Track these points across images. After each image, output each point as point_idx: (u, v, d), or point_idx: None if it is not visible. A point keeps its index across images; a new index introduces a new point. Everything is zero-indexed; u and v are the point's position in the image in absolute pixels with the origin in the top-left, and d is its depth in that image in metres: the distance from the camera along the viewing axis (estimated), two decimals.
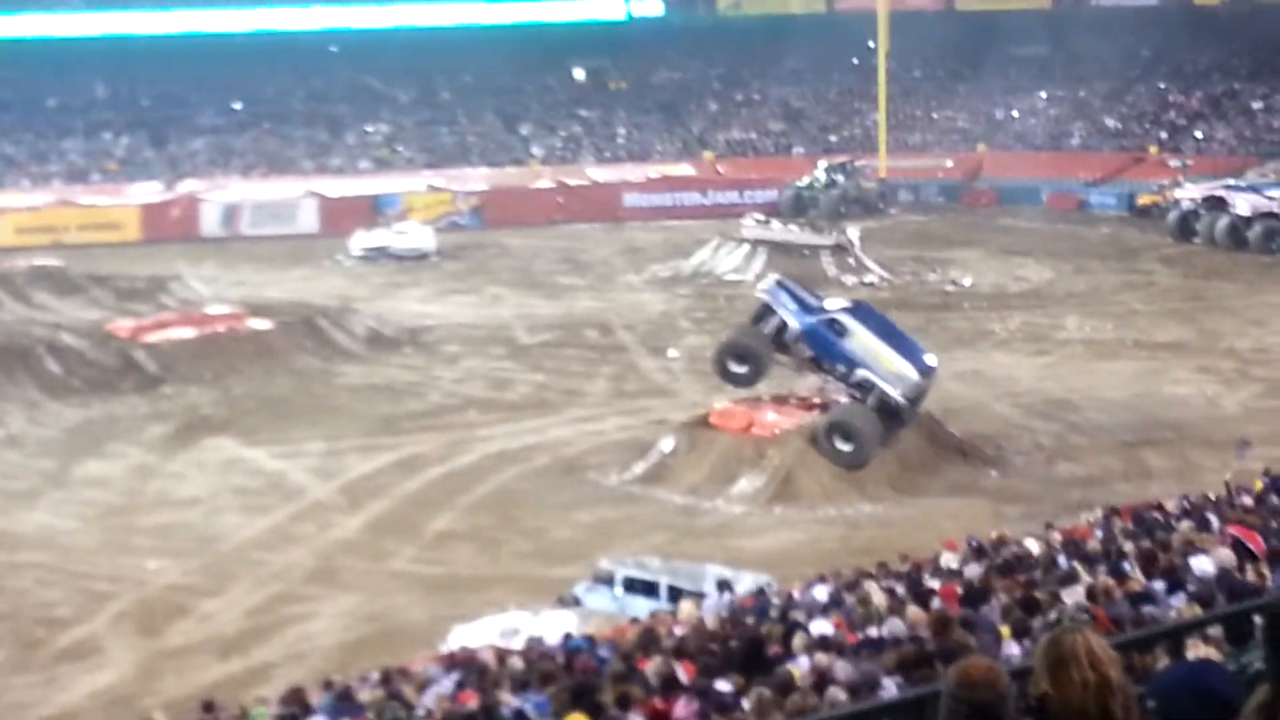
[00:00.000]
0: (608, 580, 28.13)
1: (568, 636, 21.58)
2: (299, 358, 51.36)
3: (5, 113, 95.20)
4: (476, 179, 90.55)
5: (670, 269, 68.84)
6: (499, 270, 70.93)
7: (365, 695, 18.63)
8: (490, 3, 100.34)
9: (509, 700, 16.11)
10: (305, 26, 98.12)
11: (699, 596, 25.29)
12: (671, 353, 52.52)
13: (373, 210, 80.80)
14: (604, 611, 26.78)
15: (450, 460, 40.19)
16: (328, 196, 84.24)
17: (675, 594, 26.69)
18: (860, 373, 38.52)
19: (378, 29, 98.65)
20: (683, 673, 15.72)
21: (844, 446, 37.33)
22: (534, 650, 20.62)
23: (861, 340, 38.78)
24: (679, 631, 19.95)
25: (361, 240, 74.51)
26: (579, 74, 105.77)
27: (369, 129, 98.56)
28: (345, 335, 53.98)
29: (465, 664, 20.40)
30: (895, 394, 38.11)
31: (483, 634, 25.37)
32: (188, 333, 51.55)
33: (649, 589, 27.50)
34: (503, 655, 20.46)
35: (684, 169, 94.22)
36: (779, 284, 41.25)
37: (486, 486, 38.04)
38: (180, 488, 38.49)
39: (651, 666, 16.07)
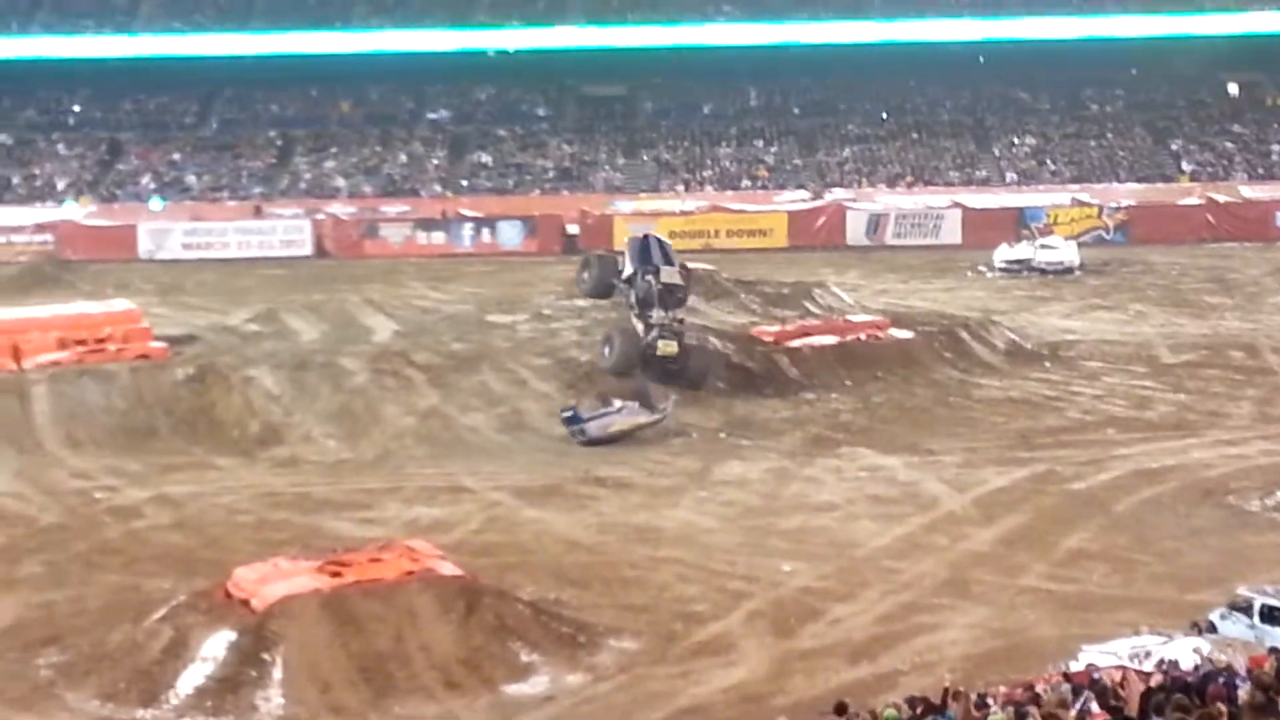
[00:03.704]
0: (1245, 608, 27.33)
1: (1206, 661, 21.19)
2: (938, 368, 51.51)
3: (663, 119, 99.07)
4: (1123, 194, 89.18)
5: None
6: (1144, 287, 69.67)
7: (997, 715, 18.48)
8: (1142, 15, 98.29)
9: None
10: (955, 37, 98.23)
11: None
12: None
13: (1017, 223, 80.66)
14: (1240, 640, 26.06)
15: (1086, 477, 39.67)
16: (971, 208, 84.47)
17: None
18: None
19: (1027, 40, 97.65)
20: None
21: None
22: (1167, 674, 20.32)
23: None
24: None
25: (1005, 253, 74.68)
26: (1233, 88, 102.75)
27: (1015, 141, 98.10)
28: (985, 347, 53.88)
29: (1089, 684, 20.23)
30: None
31: (1111, 655, 25.07)
32: (829, 340, 52.27)
33: None
34: (1125, 676, 20.20)
35: None
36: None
37: (1122, 506, 37.37)
38: (817, 492, 39.07)
39: None
